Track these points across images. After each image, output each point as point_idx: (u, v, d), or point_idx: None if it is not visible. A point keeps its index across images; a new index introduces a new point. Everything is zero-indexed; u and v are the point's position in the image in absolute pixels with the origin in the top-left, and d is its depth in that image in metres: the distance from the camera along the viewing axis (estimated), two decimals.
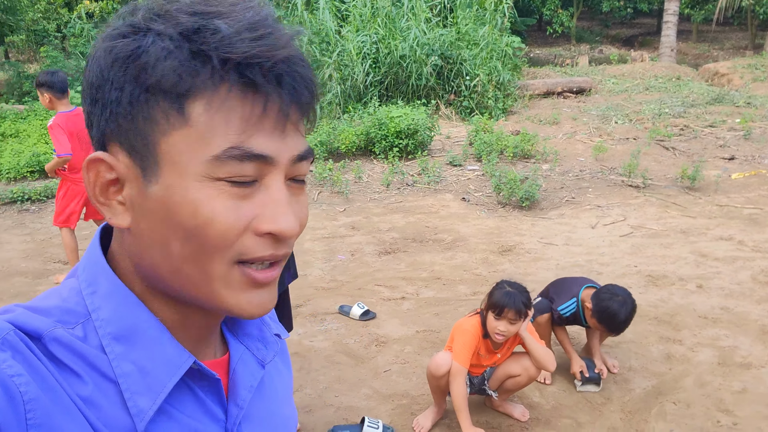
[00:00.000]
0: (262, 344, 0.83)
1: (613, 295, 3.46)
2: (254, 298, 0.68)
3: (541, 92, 12.39)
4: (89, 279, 0.70)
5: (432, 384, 3.30)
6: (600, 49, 20.49)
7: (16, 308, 0.66)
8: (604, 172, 8.09)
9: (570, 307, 3.66)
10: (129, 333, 0.67)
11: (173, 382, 0.67)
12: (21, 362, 0.59)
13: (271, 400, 0.83)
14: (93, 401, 0.63)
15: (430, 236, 6.21)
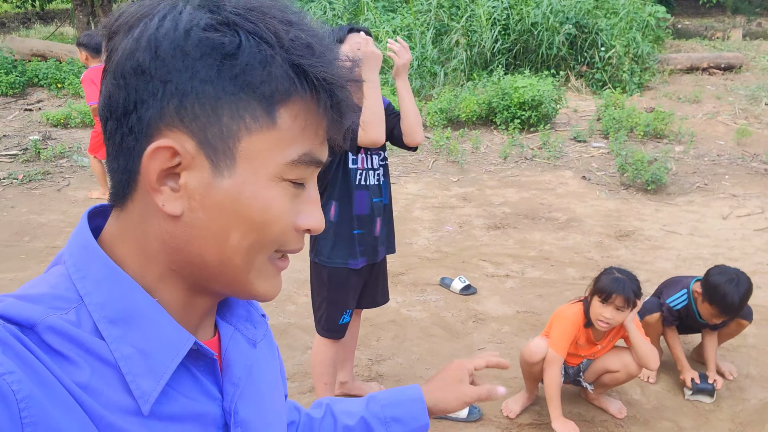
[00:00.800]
0: (251, 324, 0.86)
1: (724, 272, 3.22)
2: (276, 284, 0.75)
3: (684, 67, 11.49)
4: (78, 264, 0.69)
5: (525, 370, 3.21)
6: (758, 21, 18.65)
7: (5, 298, 0.65)
8: (745, 158, 7.43)
9: (681, 299, 3.39)
10: (126, 315, 0.66)
11: (176, 362, 0.68)
12: (12, 358, 0.58)
13: (261, 380, 0.84)
14: (92, 387, 0.63)
15: (544, 214, 5.99)
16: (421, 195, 6.50)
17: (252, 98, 0.64)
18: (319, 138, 0.70)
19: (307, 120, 0.67)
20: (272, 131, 0.66)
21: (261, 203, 0.67)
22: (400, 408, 1.10)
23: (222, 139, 0.65)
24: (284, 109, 0.66)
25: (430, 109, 8.41)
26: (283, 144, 0.66)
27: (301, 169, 0.68)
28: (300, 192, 0.71)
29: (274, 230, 0.69)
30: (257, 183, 0.66)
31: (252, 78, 0.64)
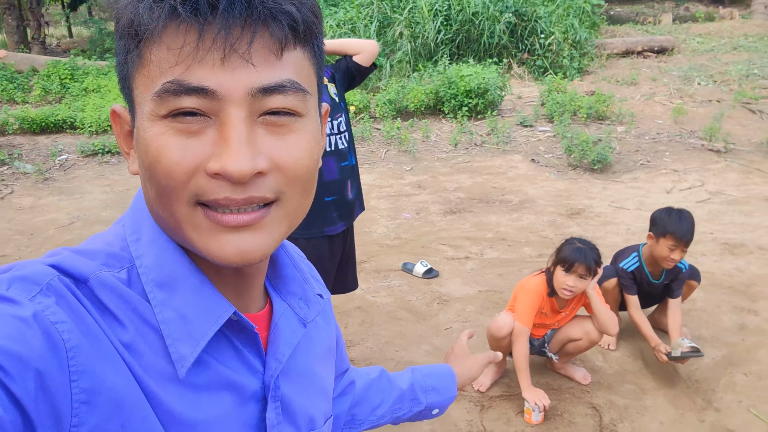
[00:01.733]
0: (304, 303, 0.83)
1: (664, 208, 3.47)
2: (226, 243, 0.64)
3: (619, 51, 11.88)
4: (134, 226, 0.72)
5: (492, 345, 3.29)
6: (686, 6, 19.41)
7: (63, 251, 0.67)
8: (683, 135, 7.75)
9: (632, 261, 3.55)
10: (170, 280, 0.68)
11: (213, 330, 0.68)
12: (64, 308, 0.60)
13: (308, 358, 0.84)
14: (134, 347, 0.64)
15: (497, 197, 6.13)
16: (376, 185, 6.56)
17: (126, 41, 0.63)
18: (191, 60, 0.59)
19: (167, 45, 0.60)
20: (143, 68, 0.62)
21: (143, 145, 0.63)
22: (437, 380, 1.22)
23: (128, 89, 0.66)
24: (147, 42, 0.61)
25: (379, 101, 8.47)
26: (151, 79, 0.61)
27: (171, 100, 0.60)
28: (199, 128, 0.61)
29: (159, 172, 0.62)
30: (143, 125, 0.63)
31: (120, 21, 0.63)
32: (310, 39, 0.66)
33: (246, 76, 0.60)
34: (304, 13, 0.63)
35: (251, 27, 0.59)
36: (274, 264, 0.84)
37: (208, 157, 0.61)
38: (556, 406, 3.15)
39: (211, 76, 0.59)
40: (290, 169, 0.65)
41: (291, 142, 0.65)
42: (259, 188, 0.63)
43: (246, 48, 0.60)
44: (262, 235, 0.66)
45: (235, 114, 0.61)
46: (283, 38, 0.62)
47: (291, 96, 0.63)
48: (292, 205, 0.68)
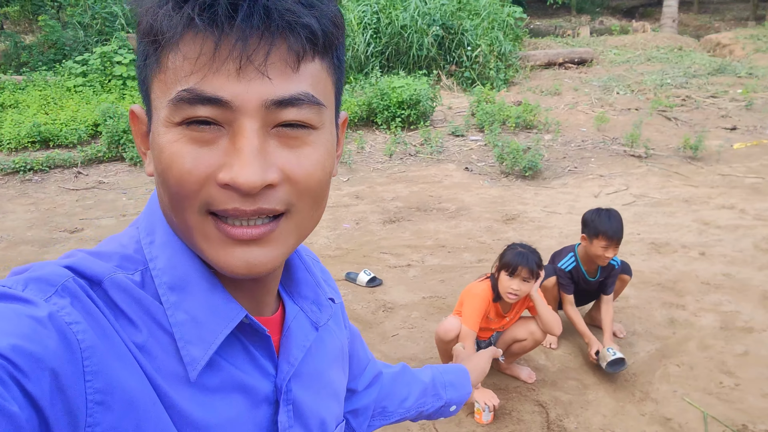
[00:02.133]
0: (316, 307, 0.84)
1: (593, 210, 3.63)
2: (234, 256, 0.64)
3: (542, 63, 12.32)
4: (148, 228, 0.72)
5: (440, 348, 3.35)
6: (601, 20, 20.28)
7: (78, 253, 0.68)
8: (606, 142, 8.10)
9: (569, 261, 3.71)
10: (183, 283, 0.68)
11: (224, 333, 0.68)
12: (79, 310, 0.60)
13: (320, 362, 0.84)
14: (147, 348, 0.65)
15: (434, 205, 6.24)
16: None
17: (146, 46, 0.63)
18: (207, 69, 0.59)
19: (184, 53, 0.60)
20: (160, 74, 0.62)
21: (157, 151, 0.63)
22: (454, 376, 1.26)
23: (146, 93, 0.67)
24: (166, 48, 0.61)
25: None
26: (168, 85, 0.61)
27: (185, 109, 0.60)
28: (213, 137, 0.61)
29: (170, 179, 0.62)
30: (158, 131, 0.63)
31: (144, 24, 0.62)
32: (329, 50, 0.65)
33: (261, 88, 0.60)
34: (324, 24, 0.62)
35: (268, 39, 0.59)
36: (287, 268, 0.85)
37: (220, 167, 0.61)
38: (505, 405, 3.23)
39: (227, 86, 0.59)
40: (301, 182, 0.65)
41: (303, 154, 0.64)
42: (269, 200, 0.63)
43: (262, 60, 0.59)
44: (271, 248, 0.66)
45: (249, 125, 0.60)
46: (301, 51, 0.61)
47: (306, 109, 0.63)
48: (302, 216, 0.68)
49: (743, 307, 4.16)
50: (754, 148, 7.77)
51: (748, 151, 7.69)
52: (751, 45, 13.45)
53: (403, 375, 1.19)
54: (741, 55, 13.01)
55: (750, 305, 4.17)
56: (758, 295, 4.31)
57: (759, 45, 13.44)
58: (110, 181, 7.19)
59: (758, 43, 13.57)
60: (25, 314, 0.56)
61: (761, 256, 4.91)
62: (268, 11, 0.59)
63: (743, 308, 4.14)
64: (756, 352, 3.65)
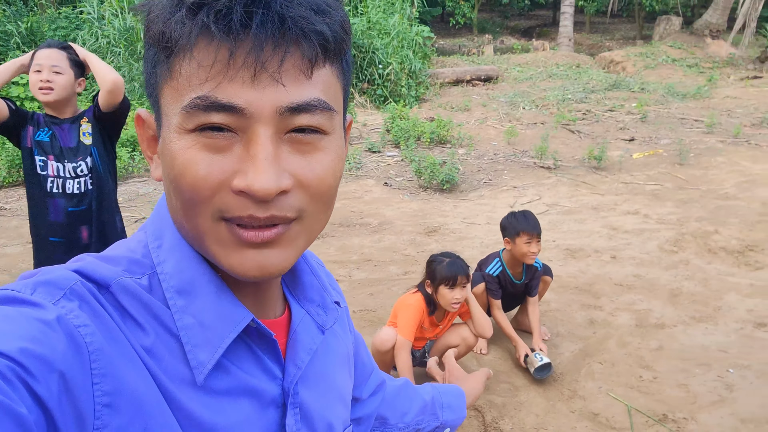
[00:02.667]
0: (322, 310, 0.84)
1: (509, 212, 3.83)
2: (247, 259, 0.65)
3: (451, 80, 12.69)
4: (156, 233, 0.72)
5: (377, 359, 3.37)
6: (501, 39, 21.15)
7: (87, 257, 0.68)
8: (516, 155, 8.43)
9: (496, 266, 3.86)
10: (190, 287, 0.68)
11: (231, 337, 0.68)
12: (87, 312, 0.60)
13: (327, 365, 0.84)
14: (154, 352, 0.65)
15: (357, 220, 6.28)
16: None
17: (157, 51, 0.63)
18: (221, 76, 0.59)
19: (198, 60, 0.60)
20: (171, 80, 0.62)
21: (169, 157, 0.63)
22: (452, 398, 1.25)
23: (156, 99, 0.67)
24: (178, 54, 0.61)
25: None
26: (180, 92, 0.61)
27: (199, 116, 0.60)
28: (227, 144, 0.62)
29: (184, 185, 0.62)
30: (169, 137, 0.63)
31: (155, 31, 0.62)
32: (339, 55, 0.66)
33: (275, 94, 0.61)
34: (335, 30, 0.63)
35: (283, 46, 0.60)
36: (293, 271, 0.85)
37: (234, 174, 0.61)
38: None
39: (241, 93, 0.60)
40: (313, 187, 0.65)
41: (315, 160, 0.65)
42: (282, 207, 0.63)
43: (277, 67, 0.60)
44: (283, 250, 0.66)
45: (263, 132, 0.61)
46: (314, 57, 0.62)
47: (318, 115, 0.64)
48: (313, 220, 0.68)
49: (654, 305, 4.43)
50: (651, 158, 8.30)
51: (646, 160, 8.21)
52: (641, 62, 14.40)
53: (405, 389, 1.19)
54: (632, 72, 13.90)
55: (660, 303, 4.45)
56: (666, 293, 4.60)
57: (648, 62, 14.41)
58: (12, 207, 6.80)
59: (647, 60, 14.55)
60: (33, 317, 0.56)
61: (666, 257, 5.25)
62: (282, 18, 0.59)
63: (654, 306, 4.41)
64: (669, 346, 3.89)
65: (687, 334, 4.03)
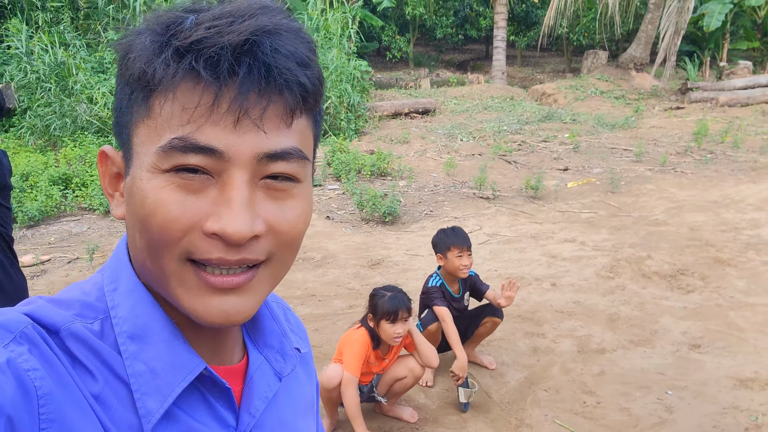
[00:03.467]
0: (281, 356, 0.83)
1: (439, 229, 4.02)
2: (212, 305, 0.64)
3: (389, 113, 12.84)
4: (113, 275, 0.71)
5: (324, 396, 3.32)
6: (437, 72, 21.61)
7: (38, 300, 0.66)
8: (456, 186, 8.57)
9: (436, 279, 3.94)
10: (143, 333, 0.67)
11: (181, 387, 0.67)
12: (37, 357, 0.59)
13: (285, 412, 0.83)
14: (103, 399, 0.63)
15: (300, 255, 6.22)
16: None
17: (134, 90, 0.64)
18: (203, 119, 0.60)
19: (181, 101, 0.61)
20: (149, 120, 0.63)
21: (139, 196, 0.63)
22: None
23: (126, 137, 0.66)
24: (157, 94, 0.62)
25: None
26: (158, 132, 0.62)
27: (176, 156, 0.60)
28: (201, 186, 0.62)
29: (154, 225, 0.62)
30: (140, 176, 0.63)
31: (130, 69, 0.63)
32: (315, 107, 0.69)
33: (255, 141, 0.62)
34: (314, 83, 0.65)
35: (267, 95, 0.61)
36: (254, 317, 0.83)
37: (207, 216, 0.61)
38: None
39: (222, 137, 0.61)
40: (285, 233, 0.66)
41: (288, 207, 0.66)
42: (253, 251, 0.64)
43: (260, 114, 0.61)
44: (248, 297, 0.66)
45: (239, 176, 0.62)
46: (295, 107, 0.64)
47: (294, 163, 0.65)
48: (280, 264, 0.69)
49: (594, 330, 4.54)
50: (584, 186, 8.58)
51: (580, 189, 8.48)
52: (572, 94, 14.94)
53: None
54: (563, 103, 14.40)
55: (599, 328, 4.56)
56: (605, 318, 4.72)
57: (578, 94, 14.97)
58: None
59: (577, 92, 15.11)
60: None
61: (603, 282, 5.40)
62: (268, 68, 0.61)
63: (594, 331, 4.52)
64: (610, 370, 3.98)
65: (626, 358, 4.13)
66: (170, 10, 0.65)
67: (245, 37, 0.60)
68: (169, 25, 0.62)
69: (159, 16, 0.64)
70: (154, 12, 0.65)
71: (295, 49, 0.63)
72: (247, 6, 0.64)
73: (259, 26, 0.61)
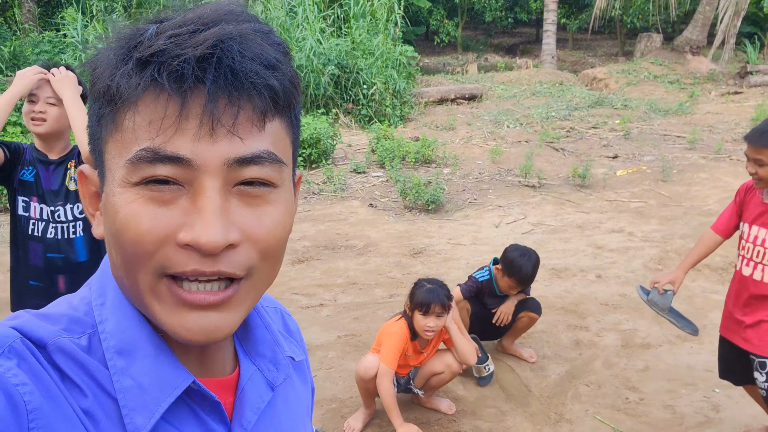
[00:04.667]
0: (273, 366, 0.81)
1: (518, 248, 3.79)
2: (190, 321, 0.63)
3: (435, 99, 12.75)
4: (100, 290, 0.70)
5: (361, 386, 3.34)
6: (485, 57, 21.31)
7: (25, 314, 0.66)
8: (501, 173, 8.46)
9: (484, 274, 3.89)
10: (130, 347, 0.66)
11: (168, 402, 0.66)
12: (26, 371, 0.59)
13: (282, 422, 0.81)
14: (91, 413, 0.63)
15: (342, 243, 6.25)
16: None
17: (102, 105, 0.63)
18: (171, 130, 0.59)
19: (147, 113, 0.60)
20: (117, 134, 0.62)
21: (111, 212, 0.62)
22: None
23: (99, 154, 0.66)
24: (124, 108, 0.61)
25: None
26: (125, 145, 0.61)
27: (145, 168, 0.59)
28: (172, 197, 0.61)
29: (126, 240, 0.61)
30: (113, 191, 0.62)
31: (99, 85, 0.62)
32: (288, 110, 0.67)
33: (227, 147, 0.60)
34: (285, 84, 0.64)
35: (236, 100, 0.60)
36: (245, 325, 0.82)
37: (179, 227, 0.60)
38: None
39: (189, 145, 0.59)
40: (262, 241, 0.64)
41: (265, 213, 0.64)
42: (229, 262, 0.62)
43: (232, 121, 0.60)
44: (229, 313, 0.65)
45: (210, 184, 0.60)
46: (265, 110, 0.62)
47: (267, 167, 0.63)
48: (262, 277, 0.67)
49: (640, 324, 4.42)
50: (634, 175, 8.36)
51: (630, 178, 8.26)
52: (624, 79, 14.54)
53: None
54: (615, 88, 14.03)
55: (645, 322, 4.45)
56: (651, 312, 4.58)
57: (630, 79, 14.56)
58: None
59: (629, 77, 14.70)
60: None
61: (651, 275, 5.25)
62: (234, 73, 0.59)
63: (640, 326, 4.40)
64: (655, 366, 3.88)
65: (673, 354, 4.02)
66: (134, 22, 0.64)
67: (208, 47, 0.59)
68: (131, 38, 0.61)
69: (122, 29, 0.63)
70: (118, 26, 0.64)
71: (262, 52, 0.62)
72: (210, 12, 0.62)
73: (224, 33, 0.60)
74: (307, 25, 11.48)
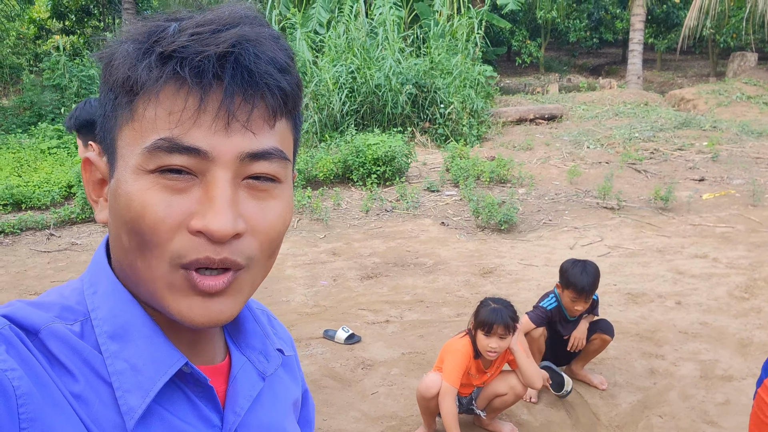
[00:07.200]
0: (264, 357, 0.83)
1: (573, 260, 3.71)
2: (196, 306, 0.66)
3: (513, 119, 12.60)
4: (92, 279, 0.73)
5: (422, 405, 3.29)
6: (568, 78, 20.92)
7: (17, 303, 0.68)
8: (579, 194, 8.23)
9: (550, 301, 3.77)
10: (123, 331, 0.68)
11: (163, 380, 0.67)
12: (15, 357, 0.60)
13: (271, 412, 0.83)
14: (83, 398, 0.64)
15: (411, 260, 6.23)
16: (291, 254, 6.52)
17: (117, 94, 0.66)
18: (190, 122, 0.62)
19: (166, 105, 0.63)
20: (132, 122, 0.65)
21: (125, 198, 0.64)
22: None
23: (111, 141, 0.69)
24: (141, 97, 0.64)
25: None
26: (142, 133, 0.64)
27: (161, 157, 0.62)
28: (186, 186, 0.64)
29: (144, 227, 0.63)
30: (125, 178, 0.65)
31: (113, 75, 0.66)
32: (294, 111, 0.71)
33: (240, 141, 0.64)
34: (293, 87, 0.68)
35: (251, 98, 0.64)
36: (236, 318, 0.84)
37: (192, 215, 0.63)
38: None
39: (206, 138, 0.63)
40: (263, 233, 0.68)
41: (269, 207, 0.68)
42: (234, 251, 0.65)
43: (246, 117, 0.64)
44: (231, 300, 0.68)
45: (222, 175, 0.64)
46: (276, 109, 0.67)
47: (275, 163, 0.68)
48: (259, 269, 0.71)
49: (721, 355, 4.17)
50: (722, 199, 7.95)
51: (717, 201, 7.86)
52: (714, 99, 13.93)
53: None
54: (704, 109, 13.45)
55: (728, 353, 4.19)
56: (735, 342, 4.33)
57: (720, 99, 13.93)
58: (83, 243, 7.09)
59: (720, 97, 14.06)
60: None
61: (736, 303, 4.96)
62: (250, 73, 0.64)
63: (721, 356, 4.15)
64: (736, 400, 3.64)
65: None
66: (151, 19, 0.68)
67: (228, 46, 0.63)
68: (152, 33, 0.65)
69: (141, 26, 0.67)
70: (135, 22, 0.68)
71: (275, 56, 0.66)
72: (228, 15, 0.66)
73: (242, 35, 0.64)
74: (387, 45, 11.61)
